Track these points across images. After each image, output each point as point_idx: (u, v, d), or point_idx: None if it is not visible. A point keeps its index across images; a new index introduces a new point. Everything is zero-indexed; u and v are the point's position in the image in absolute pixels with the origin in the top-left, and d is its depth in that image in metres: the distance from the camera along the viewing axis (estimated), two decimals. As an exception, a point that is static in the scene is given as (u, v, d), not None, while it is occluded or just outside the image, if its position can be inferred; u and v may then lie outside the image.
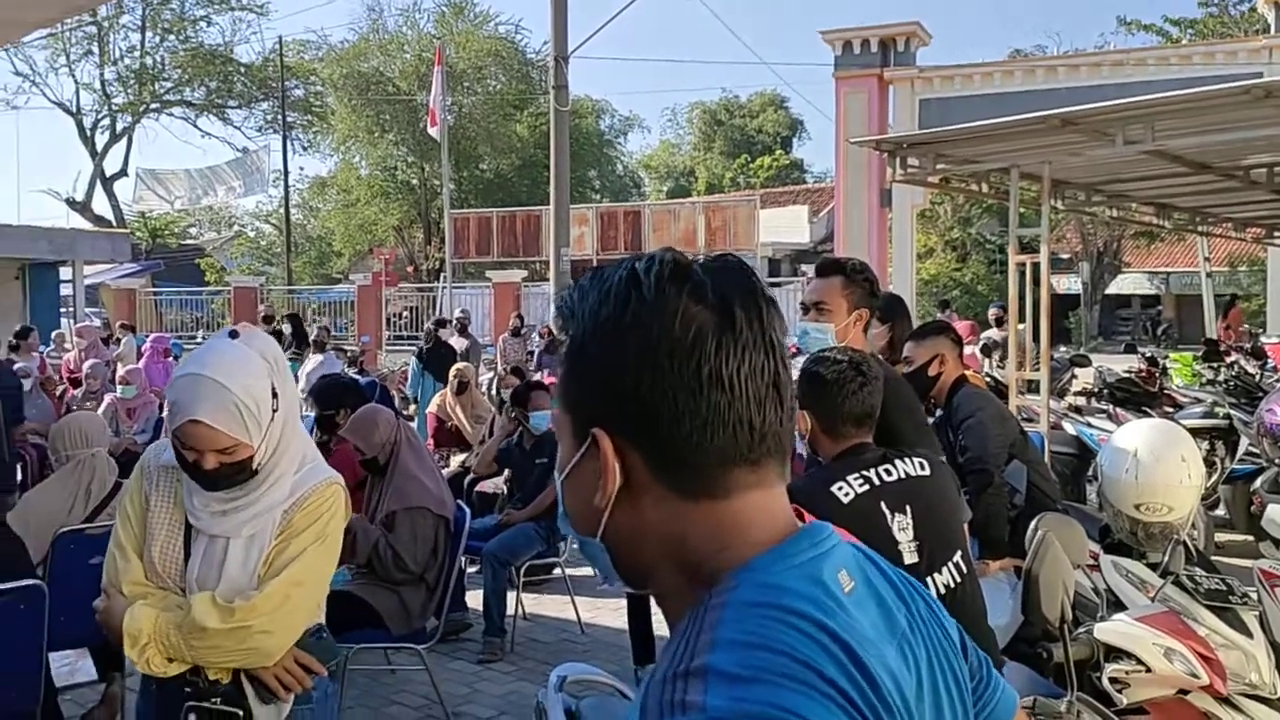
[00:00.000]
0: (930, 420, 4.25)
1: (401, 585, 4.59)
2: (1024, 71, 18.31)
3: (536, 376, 9.60)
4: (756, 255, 23.47)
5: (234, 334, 2.31)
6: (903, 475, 2.57)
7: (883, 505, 2.50)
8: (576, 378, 1.00)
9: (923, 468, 2.62)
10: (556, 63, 17.11)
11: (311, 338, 12.70)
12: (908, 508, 2.52)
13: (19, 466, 6.67)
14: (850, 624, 0.92)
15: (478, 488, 7.57)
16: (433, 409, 9.77)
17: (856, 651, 0.89)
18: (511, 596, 6.03)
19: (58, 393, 10.36)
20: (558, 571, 6.77)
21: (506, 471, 6.93)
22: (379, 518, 4.69)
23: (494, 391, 10.70)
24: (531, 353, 14.70)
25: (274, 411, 2.24)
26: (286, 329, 14.46)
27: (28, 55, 33.45)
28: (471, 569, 6.33)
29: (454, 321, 14.85)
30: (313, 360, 11.46)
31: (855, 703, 0.87)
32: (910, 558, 2.49)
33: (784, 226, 27.21)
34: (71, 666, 4.35)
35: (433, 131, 20.90)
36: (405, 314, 24.84)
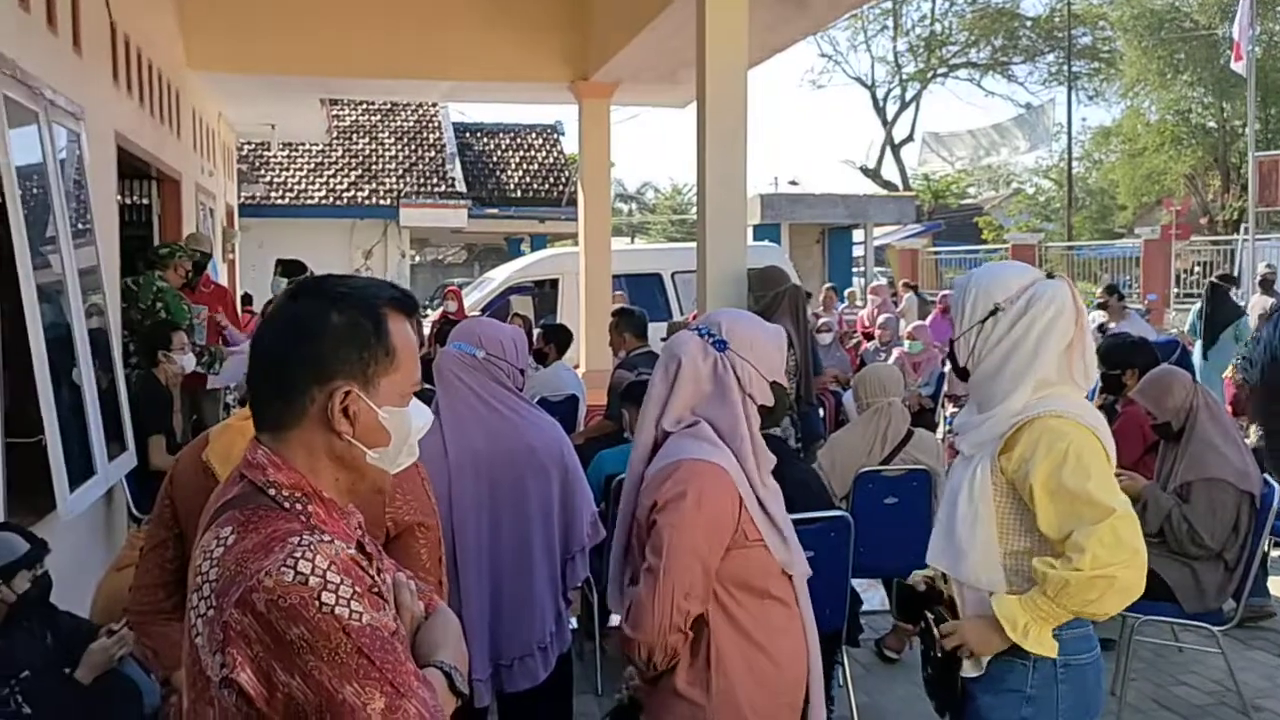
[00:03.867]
0: None
1: (1196, 560, 4.27)
2: None
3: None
4: None
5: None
6: None
7: None
8: None
9: None
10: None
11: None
12: None
13: (819, 412, 7.46)
14: None
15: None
16: (1229, 375, 8.92)
17: None
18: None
19: (851, 345, 11.40)
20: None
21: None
22: (1172, 486, 4.41)
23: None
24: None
25: (981, 321, 2.40)
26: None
27: (831, 38, 37.06)
28: (1275, 553, 5.67)
29: (1257, 278, 13.32)
30: None
31: None
32: None
33: None
34: (864, 594, 4.79)
35: (1237, 67, 18.76)
36: (1197, 269, 22.83)
